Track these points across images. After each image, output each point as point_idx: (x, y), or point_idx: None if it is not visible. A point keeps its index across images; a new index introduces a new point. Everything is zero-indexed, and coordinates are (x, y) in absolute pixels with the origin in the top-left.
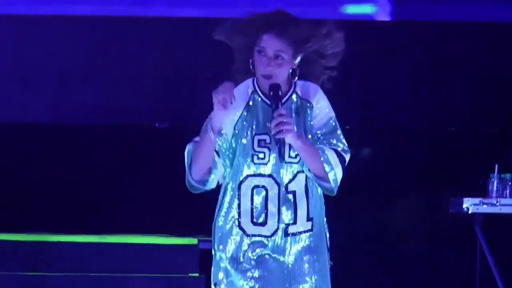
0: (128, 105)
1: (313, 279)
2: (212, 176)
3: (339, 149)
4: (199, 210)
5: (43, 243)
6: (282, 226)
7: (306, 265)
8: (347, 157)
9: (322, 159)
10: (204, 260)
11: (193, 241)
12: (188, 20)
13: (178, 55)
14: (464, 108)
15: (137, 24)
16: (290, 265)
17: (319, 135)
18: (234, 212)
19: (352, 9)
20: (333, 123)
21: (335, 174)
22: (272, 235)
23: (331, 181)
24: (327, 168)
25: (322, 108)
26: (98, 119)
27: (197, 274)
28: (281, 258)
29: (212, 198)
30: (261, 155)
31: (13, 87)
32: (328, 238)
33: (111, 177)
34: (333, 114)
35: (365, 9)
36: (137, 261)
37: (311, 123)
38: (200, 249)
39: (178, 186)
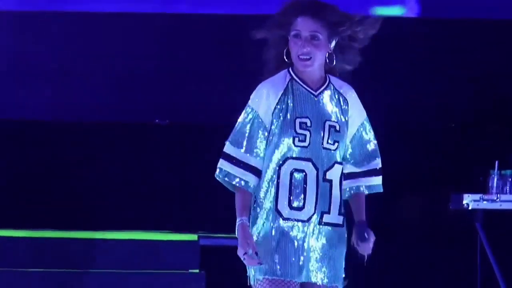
0: (128, 102)
1: (326, 271)
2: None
3: (378, 167)
4: (200, 207)
5: (44, 239)
6: (318, 212)
7: (326, 257)
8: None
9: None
10: (204, 256)
11: (193, 237)
12: (189, 17)
13: (178, 52)
14: (464, 104)
15: (138, 21)
16: (312, 251)
17: (355, 147)
18: (272, 192)
19: (381, 11)
20: (369, 130)
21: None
22: (308, 220)
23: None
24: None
25: (357, 111)
26: (98, 116)
27: (197, 270)
28: (306, 243)
29: (212, 195)
30: (302, 138)
31: (12, 85)
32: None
33: (111, 174)
34: (365, 115)
35: (394, 10)
36: (137, 257)
37: (346, 118)
38: (201, 246)
39: (179, 183)
